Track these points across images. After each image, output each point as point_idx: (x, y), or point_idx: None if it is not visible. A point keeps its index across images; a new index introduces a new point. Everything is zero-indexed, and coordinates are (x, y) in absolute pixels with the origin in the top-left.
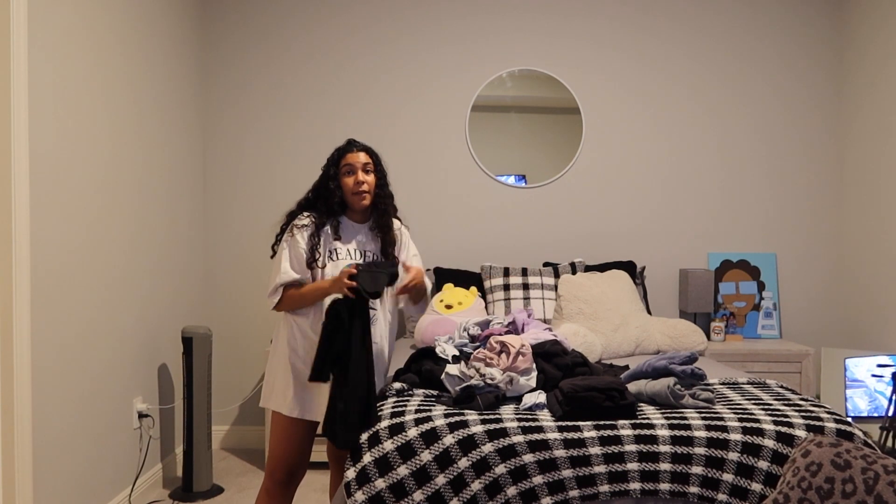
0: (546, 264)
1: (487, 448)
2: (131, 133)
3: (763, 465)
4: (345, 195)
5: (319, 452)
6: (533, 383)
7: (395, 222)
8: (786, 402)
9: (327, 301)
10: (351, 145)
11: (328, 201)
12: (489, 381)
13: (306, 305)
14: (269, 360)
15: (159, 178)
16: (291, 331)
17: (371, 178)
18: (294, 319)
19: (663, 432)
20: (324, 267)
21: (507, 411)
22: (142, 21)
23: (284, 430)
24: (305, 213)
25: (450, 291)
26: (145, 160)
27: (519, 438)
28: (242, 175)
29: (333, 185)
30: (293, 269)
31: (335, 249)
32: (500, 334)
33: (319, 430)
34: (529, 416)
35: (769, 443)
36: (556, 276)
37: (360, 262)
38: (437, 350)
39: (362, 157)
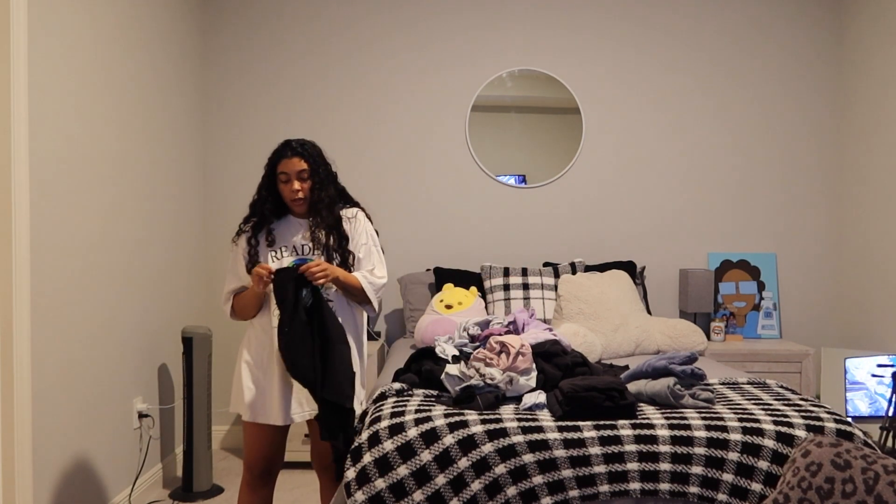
0: (546, 264)
1: (487, 448)
2: (132, 133)
3: (763, 465)
4: (283, 199)
5: None
6: (533, 383)
7: (351, 211)
8: (786, 402)
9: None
10: (286, 149)
11: (262, 207)
12: (489, 381)
13: (251, 309)
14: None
15: (159, 178)
16: (248, 334)
17: (307, 184)
18: (251, 322)
19: (663, 432)
20: None
21: (506, 411)
22: (142, 21)
23: (249, 431)
24: (249, 219)
25: (450, 291)
26: (145, 160)
27: (519, 438)
28: (242, 174)
29: (266, 193)
30: (237, 277)
31: (279, 248)
32: (500, 334)
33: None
34: (529, 416)
35: (769, 443)
36: (556, 276)
37: (300, 256)
38: (437, 350)
39: (297, 165)
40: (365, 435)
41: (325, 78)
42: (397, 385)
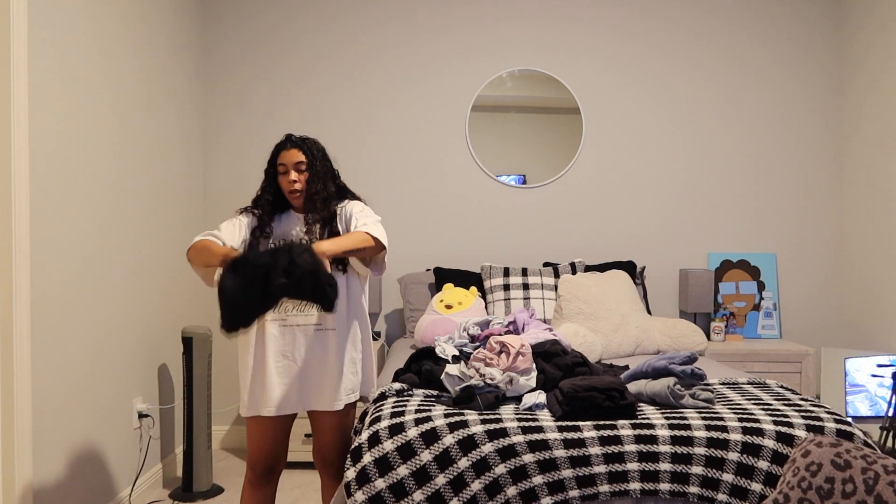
0: (546, 264)
1: (487, 448)
2: (131, 133)
3: (763, 465)
4: (283, 193)
5: None
6: (533, 383)
7: (344, 202)
8: (786, 402)
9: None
10: (286, 141)
11: (262, 200)
12: (489, 381)
13: (202, 257)
14: None
15: (159, 178)
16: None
17: (304, 176)
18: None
19: (663, 432)
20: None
21: (507, 411)
22: (142, 22)
23: (251, 429)
24: (255, 206)
25: (450, 291)
26: (145, 160)
27: (519, 438)
28: (242, 174)
29: (267, 185)
30: (224, 235)
31: (278, 241)
32: (500, 334)
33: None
34: (529, 416)
35: (769, 443)
36: (556, 276)
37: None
38: (437, 350)
39: (295, 156)
40: (365, 435)
41: (325, 79)
42: (397, 385)
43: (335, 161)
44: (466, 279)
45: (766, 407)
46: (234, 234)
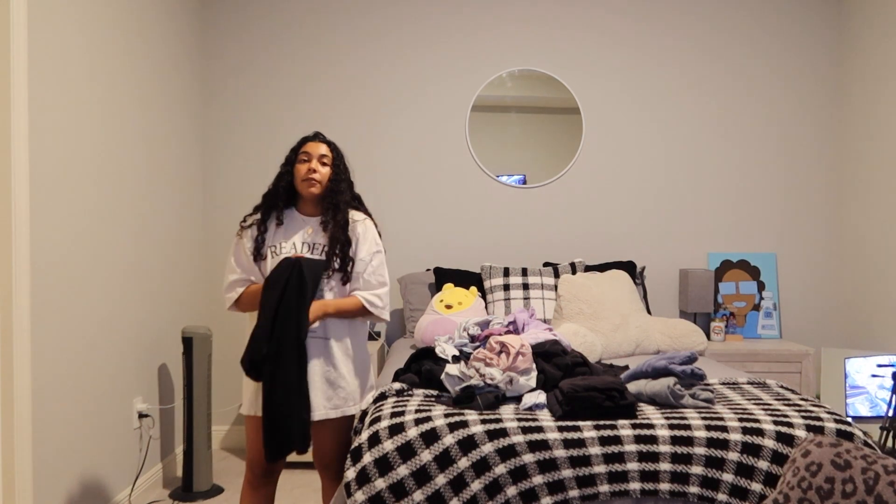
0: (546, 264)
1: (487, 448)
2: (131, 133)
3: (763, 465)
4: (295, 182)
5: None
6: (533, 383)
7: (360, 215)
8: (786, 402)
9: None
10: (315, 135)
11: (276, 185)
12: (489, 381)
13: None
14: None
15: (159, 178)
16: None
17: (325, 170)
18: (250, 317)
19: (663, 432)
20: (265, 259)
21: (506, 411)
22: (142, 21)
23: (250, 428)
24: (253, 213)
25: (450, 291)
26: (145, 160)
27: (519, 438)
28: (242, 174)
29: (284, 170)
30: (241, 267)
31: (278, 243)
32: (500, 334)
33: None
34: (529, 416)
35: (769, 443)
36: (556, 276)
37: (307, 255)
38: (437, 350)
39: (321, 149)
40: (365, 435)
41: (325, 79)
42: (397, 385)
43: (352, 172)
44: (466, 279)
45: (766, 407)
46: (251, 264)
